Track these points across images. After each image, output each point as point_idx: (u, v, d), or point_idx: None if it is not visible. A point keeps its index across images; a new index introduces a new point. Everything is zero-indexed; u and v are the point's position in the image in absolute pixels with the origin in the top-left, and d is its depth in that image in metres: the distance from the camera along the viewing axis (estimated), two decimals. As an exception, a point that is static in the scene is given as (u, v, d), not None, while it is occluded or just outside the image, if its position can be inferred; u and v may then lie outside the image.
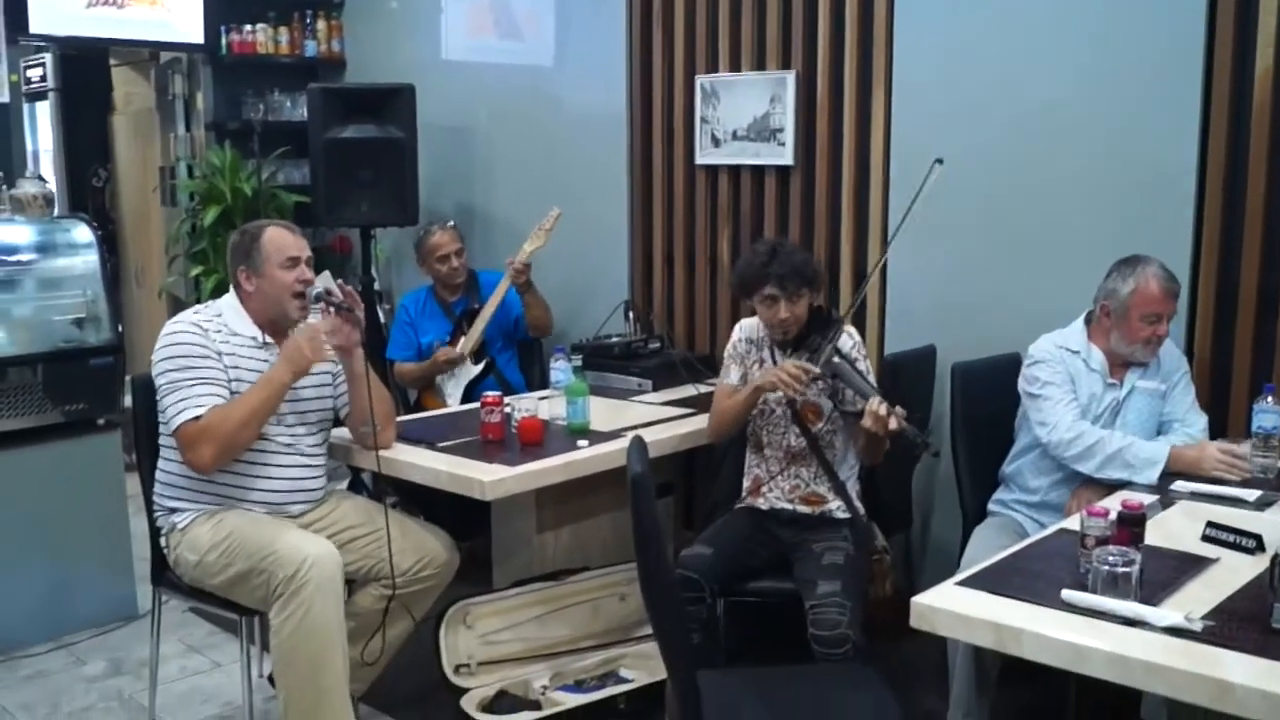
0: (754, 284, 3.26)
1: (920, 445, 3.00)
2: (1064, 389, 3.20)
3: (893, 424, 2.97)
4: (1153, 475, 3.02)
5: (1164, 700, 2.25)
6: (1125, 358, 3.22)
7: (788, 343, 3.34)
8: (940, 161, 3.17)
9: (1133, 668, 2.00)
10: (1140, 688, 2.11)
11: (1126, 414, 3.22)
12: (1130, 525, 2.36)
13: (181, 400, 3.04)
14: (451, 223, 4.76)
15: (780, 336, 3.33)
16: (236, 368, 3.14)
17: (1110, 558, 2.20)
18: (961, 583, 2.35)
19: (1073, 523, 2.55)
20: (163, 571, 3.31)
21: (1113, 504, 2.47)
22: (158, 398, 3.12)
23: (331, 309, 3.14)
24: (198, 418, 3.02)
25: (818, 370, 3.12)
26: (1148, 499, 2.70)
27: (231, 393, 3.10)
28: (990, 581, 2.33)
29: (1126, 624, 2.10)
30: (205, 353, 3.10)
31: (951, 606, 2.24)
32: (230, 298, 3.26)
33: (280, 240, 3.22)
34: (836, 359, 3.15)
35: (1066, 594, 2.21)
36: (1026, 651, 2.13)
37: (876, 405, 2.98)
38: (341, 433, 3.44)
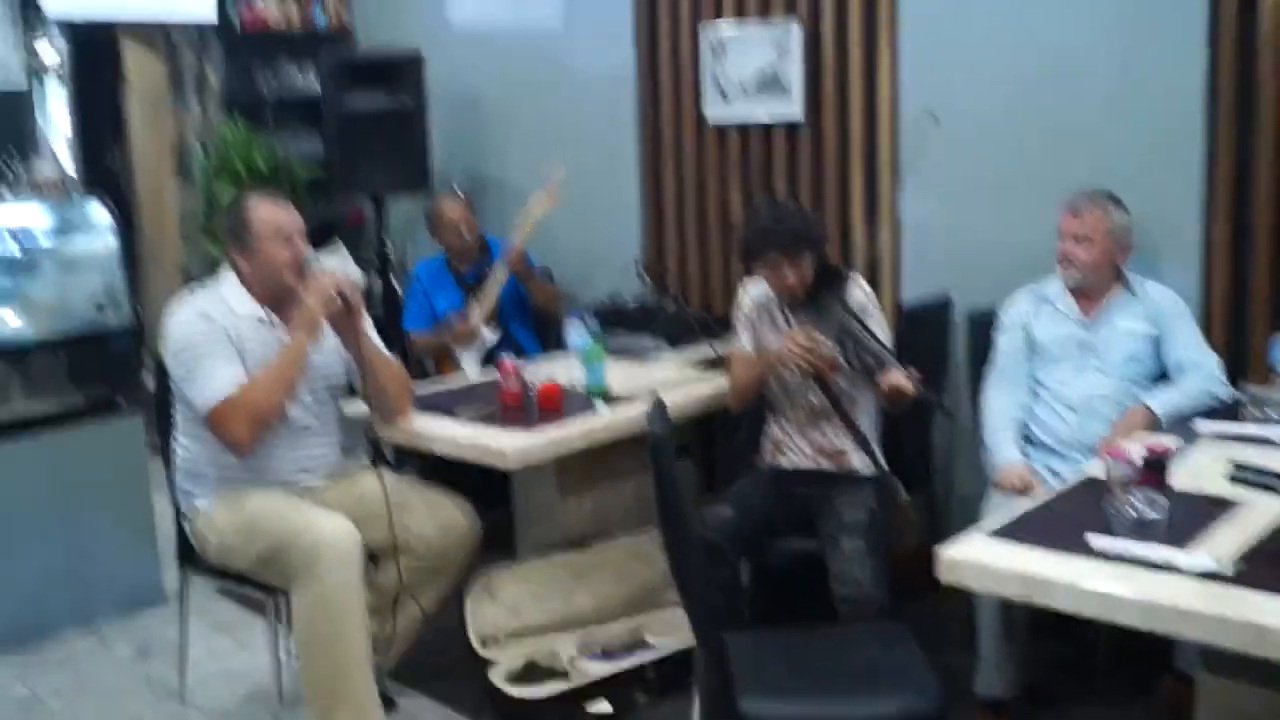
0: (757, 252, 3.25)
1: (937, 407, 3.01)
2: (1003, 352, 3.32)
3: (909, 388, 2.99)
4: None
5: (1199, 649, 2.22)
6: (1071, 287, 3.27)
7: (798, 301, 3.30)
8: (933, 116, 3.12)
9: (1165, 615, 1.98)
10: (1173, 634, 2.08)
11: (1108, 353, 3.21)
12: (1155, 469, 2.32)
13: (204, 384, 3.04)
14: (459, 191, 4.72)
15: (790, 300, 3.30)
16: (244, 349, 3.11)
17: (1137, 503, 2.17)
18: (987, 534, 2.31)
19: (1099, 470, 2.52)
20: (189, 553, 3.32)
21: (1137, 448, 2.43)
22: (179, 389, 3.12)
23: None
24: (227, 397, 3.02)
25: (829, 342, 3.12)
26: (1173, 442, 2.66)
27: (247, 372, 3.09)
28: (1017, 532, 2.30)
29: (1156, 570, 2.07)
30: (214, 336, 3.08)
31: (978, 558, 2.22)
32: (230, 276, 3.23)
33: (270, 215, 3.16)
34: (848, 319, 3.13)
35: (1093, 540, 2.17)
36: (1056, 602, 2.11)
37: (893, 377, 3.00)
38: (360, 405, 3.43)
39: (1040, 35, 3.58)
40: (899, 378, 3.00)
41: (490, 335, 4.50)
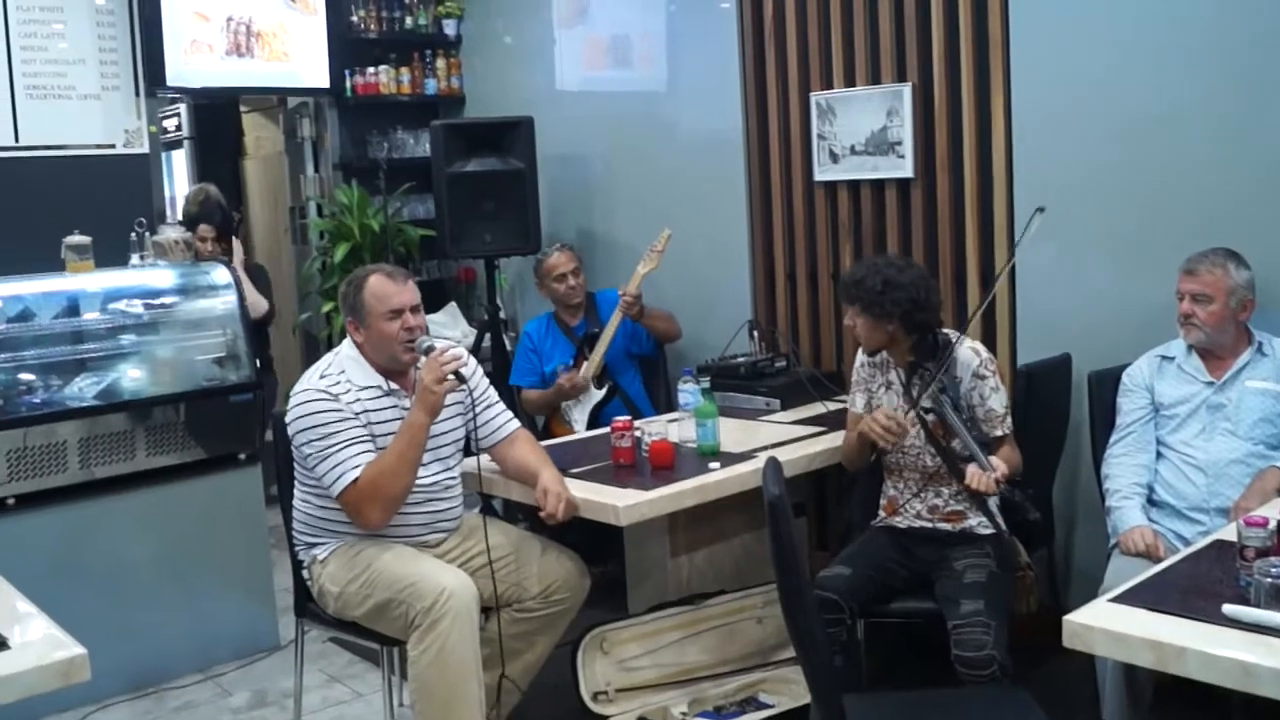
0: (842, 300, 3.38)
1: (1023, 510, 3.03)
2: (1127, 414, 3.28)
3: (986, 486, 3.01)
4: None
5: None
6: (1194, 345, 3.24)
7: (904, 365, 3.28)
8: (1042, 210, 3.11)
9: (1305, 685, 1.91)
10: (1314, 706, 2.01)
11: (1239, 413, 3.13)
12: (1293, 535, 2.26)
13: (336, 467, 3.08)
14: (567, 244, 4.83)
15: (868, 354, 3.36)
16: (370, 423, 3.16)
17: (1274, 570, 2.11)
18: (1115, 599, 2.27)
19: (1229, 533, 2.45)
20: (305, 603, 3.37)
21: (1272, 512, 2.36)
22: (308, 465, 3.16)
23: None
24: (355, 480, 3.07)
25: (908, 425, 3.15)
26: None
27: (377, 448, 3.14)
28: (1146, 597, 2.25)
29: (1296, 639, 2.01)
30: (342, 415, 3.12)
31: (1107, 625, 2.17)
32: (349, 348, 3.26)
33: (382, 291, 3.18)
34: (941, 401, 3.10)
35: (1229, 609, 2.12)
36: (1190, 670, 2.05)
37: (975, 478, 3.02)
38: (471, 461, 3.48)
39: (1156, 89, 3.54)
40: (978, 477, 3.00)
41: (596, 391, 4.56)
